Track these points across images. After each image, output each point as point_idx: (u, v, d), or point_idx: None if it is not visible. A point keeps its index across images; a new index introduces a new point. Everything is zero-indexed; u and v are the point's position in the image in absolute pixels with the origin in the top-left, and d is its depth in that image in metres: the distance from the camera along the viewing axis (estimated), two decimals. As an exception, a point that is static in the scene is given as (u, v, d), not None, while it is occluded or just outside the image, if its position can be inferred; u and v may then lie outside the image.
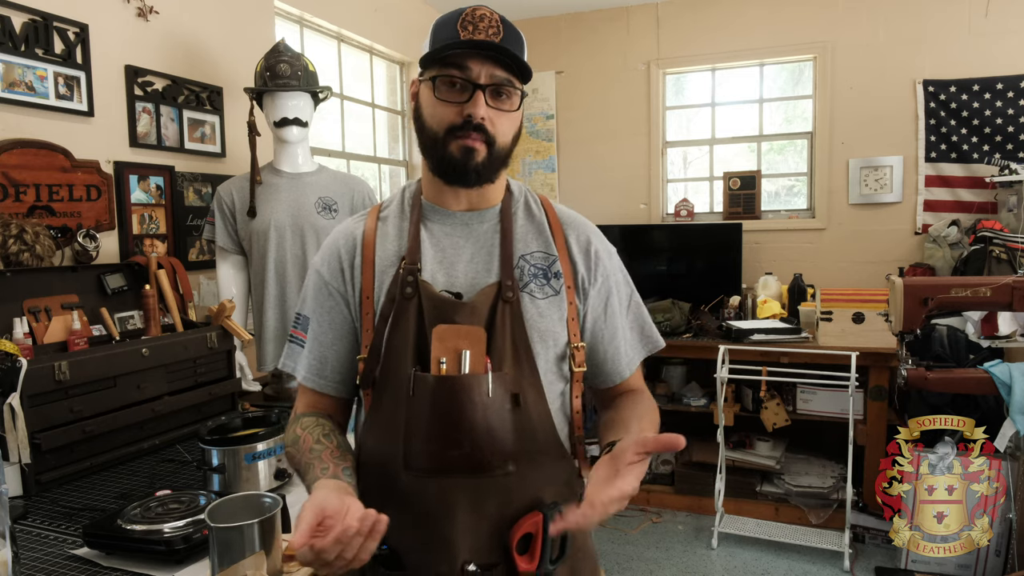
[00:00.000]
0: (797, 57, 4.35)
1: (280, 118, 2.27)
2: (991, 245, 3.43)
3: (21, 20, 2.00)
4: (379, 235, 1.07)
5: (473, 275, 1.02)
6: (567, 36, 4.69)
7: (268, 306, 2.30)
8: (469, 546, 0.95)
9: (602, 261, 1.09)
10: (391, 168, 4.37)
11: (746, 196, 4.43)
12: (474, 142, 0.97)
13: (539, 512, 0.94)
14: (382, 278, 1.03)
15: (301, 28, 3.42)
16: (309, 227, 2.29)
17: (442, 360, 0.95)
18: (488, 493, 0.95)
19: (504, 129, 1.00)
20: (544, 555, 0.92)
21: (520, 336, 0.99)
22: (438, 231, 1.05)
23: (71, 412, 1.60)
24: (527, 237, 1.07)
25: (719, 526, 3.23)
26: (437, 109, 0.98)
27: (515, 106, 1.00)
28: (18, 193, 1.98)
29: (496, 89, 0.97)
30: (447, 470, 0.94)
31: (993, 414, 2.58)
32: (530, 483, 0.98)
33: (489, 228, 1.06)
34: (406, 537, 0.96)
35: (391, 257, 1.04)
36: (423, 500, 0.96)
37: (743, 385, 3.51)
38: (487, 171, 1.00)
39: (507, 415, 0.96)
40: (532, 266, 1.04)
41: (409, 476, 0.96)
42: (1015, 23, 3.83)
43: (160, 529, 1.21)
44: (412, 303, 0.99)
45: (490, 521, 0.96)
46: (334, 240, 1.10)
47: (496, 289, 1.00)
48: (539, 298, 1.02)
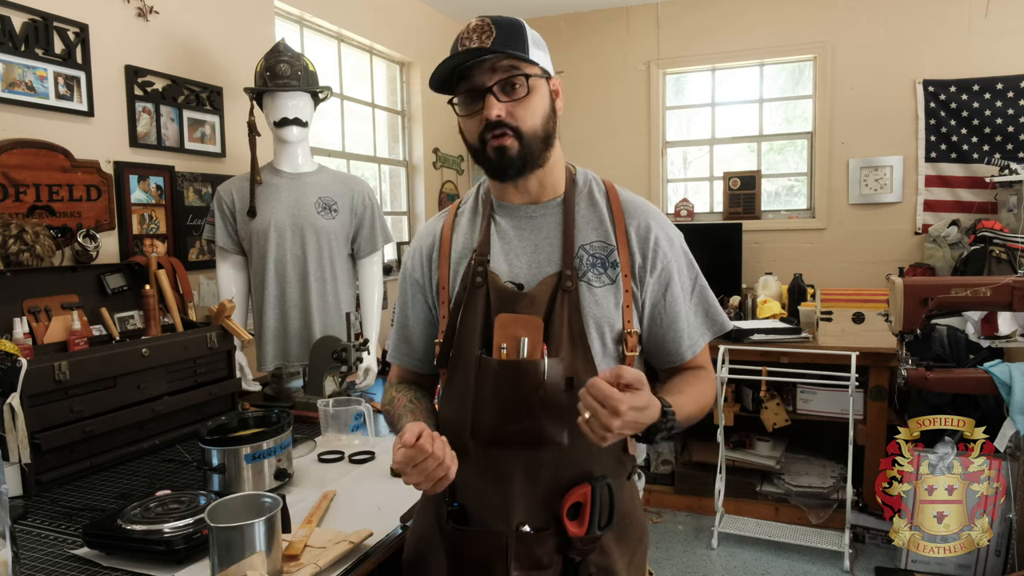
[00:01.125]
0: (797, 57, 4.35)
1: (280, 118, 2.26)
2: (991, 245, 3.43)
3: (21, 20, 2.00)
4: (455, 231, 1.18)
5: (536, 266, 1.10)
6: (567, 36, 4.69)
7: (268, 306, 2.30)
8: (524, 510, 1.06)
9: (661, 248, 1.12)
10: (391, 168, 4.37)
11: (746, 196, 4.43)
12: (501, 140, 1.04)
13: (588, 484, 1.05)
14: (456, 269, 1.14)
15: (301, 28, 3.42)
16: (309, 227, 2.29)
17: (503, 346, 1.04)
18: (542, 464, 1.06)
19: (525, 115, 1.04)
20: (592, 522, 1.04)
21: (576, 324, 1.07)
22: (505, 225, 1.14)
23: (71, 412, 1.59)
24: (587, 227, 1.12)
25: (719, 526, 3.23)
26: (466, 124, 1.08)
27: (527, 91, 1.04)
28: (18, 193, 1.98)
29: (505, 83, 1.03)
30: (506, 442, 1.04)
31: (993, 414, 2.58)
32: (581, 457, 1.06)
33: (552, 219, 1.13)
34: (472, 497, 1.09)
35: (465, 250, 1.15)
36: (486, 466, 1.07)
37: (743, 385, 3.51)
38: (527, 160, 1.06)
39: (561, 396, 1.03)
40: (591, 256, 1.10)
41: (475, 444, 1.07)
42: (1015, 23, 3.83)
43: (160, 529, 1.21)
44: (481, 292, 1.09)
45: (543, 489, 1.06)
46: (419, 236, 1.24)
47: (556, 279, 1.07)
48: (596, 287, 1.09)
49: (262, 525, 1.05)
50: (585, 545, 1.06)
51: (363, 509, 1.41)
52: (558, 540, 1.06)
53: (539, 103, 1.06)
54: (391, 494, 1.47)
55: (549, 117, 1.08)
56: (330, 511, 1.41)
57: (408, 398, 1.18)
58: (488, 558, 1.06)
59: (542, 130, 1.07)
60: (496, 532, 1.06)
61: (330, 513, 1.40)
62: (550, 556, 1.06)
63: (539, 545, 1.05)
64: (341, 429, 1.86)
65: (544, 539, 1.05)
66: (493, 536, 1.06)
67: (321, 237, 2.30)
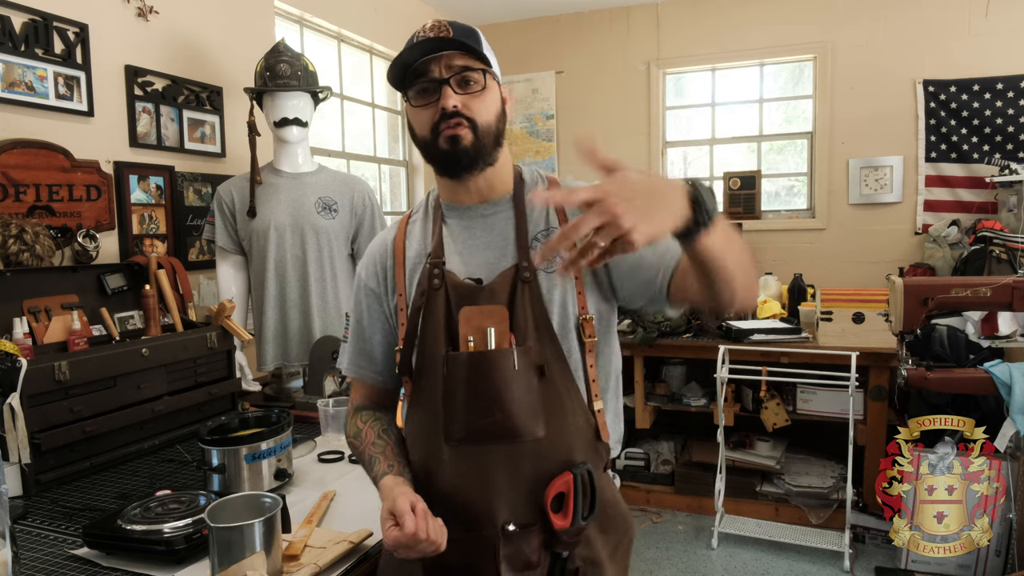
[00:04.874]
0: (797, 57, 4.35)
1: (280, 118, 2.26)
2: (991, 245, 3.44)
3: (21, 20, 2.00)
4: (407, 238, 1.18)
5: (493, 262, 1.09)
6: (567, 36, 4.69)
7: (268, 306, 2.30)
8: (508, 508, 1.03)
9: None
10: (391, 168, 4.37)
11: (746, 196, 4.43)
12: (456, 129, 1.03)
13: (569, 472, 1.02)
14: (412, 275, 1.14)
15: (301, 28, 3.42)
16: (309, 227, 2.29)
17: (470, 338, 1.03)
18: (522, 458, 1.03)
19: (481, 108, 1.05)
20: (576, 512, 1.01)
21: (539, 312, 1.06)
22: (457, 226, 1.13)
23: (71, 412, 1.59)
24: (539, 218, 1.12)
25: (719, 526, 3.23)
26: (418, 116, 1.07)
27: (483, 86, 1.05)
28: (18, 193, 1.98)
29: (460, 78, 1.04)
30: (482, 438, 1.02)
31: (993, 414, 2.58)
32: (560, 446, 1.05)
33: (503, 216, 1.12)
34: (451, 504, 1.05)
35: (419, 255, 1.14)
36: (464, 468, 1.04)
37: (743, 385, 3.51)
38: (480, 152, 1.06)
39: (534, 385, 1.03)
40: (542, 244, 1.09)
41: (450, 447, 1.05)
42: (1015, 23, 3.83)
43: (160, 529, 1.21)
44: (440, 293, 1.08)
45: (526, 484, 1.04)
46: (372, 247, 1.23)
47: (514, 271, 1.07)
48: (550, 272, 1.08)
49: (262, 525, 1.05)
50: (571, 538, 1.04)
51: (363, 509, 1.41)
52: (544, 535, 1.04)
53: (492, 100, 1.07)
54: (391, 494, 1.47)
55: (500, 116, 1.09)
56: (330, 511, 1.41)
57: (376, 432, 1.14)
58: (476, 563, 1.03)
59: (495, 126, 1.07)
60: (482, 536, 1.03)
61: (330, 513, 1.40)
62: (538, 553, 1.04)
63: (526, 543, 1.03)
64: (341, 429, 1.86)
65: (531, 536, 1.03)
66: (479, 540, 1.03)
67: (321, 237, 2.30)
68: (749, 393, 3.49)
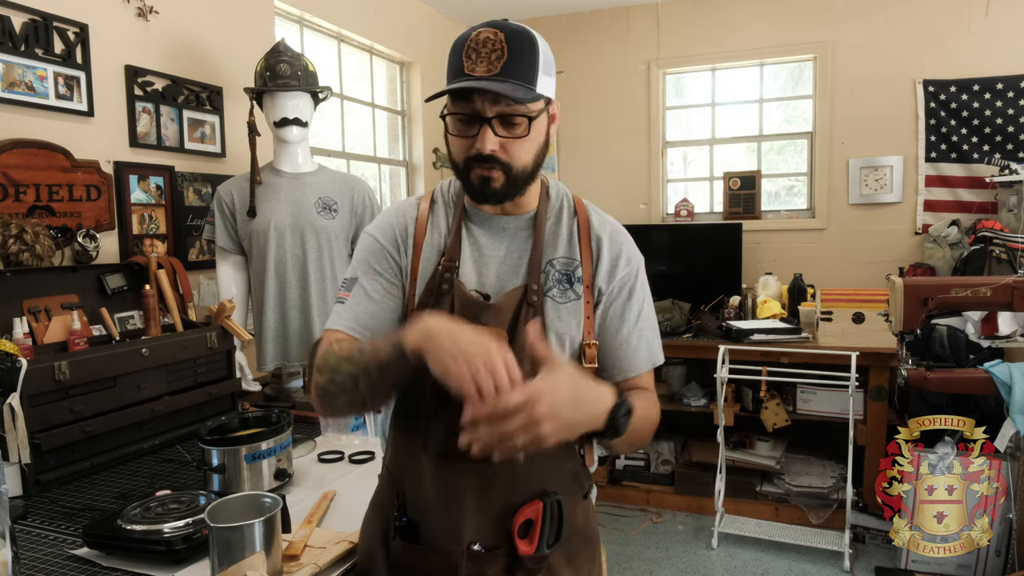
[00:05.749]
0: (797, 57, 4.35)
1: (280, 118, 2.27)
2: (991, 245, 3.43)
3: (21, 20, 2.00)
4: (430, 222, 1.13)
5: (503, 276, 1.08)
6: (567, 36, 4.69)
7: (268, 306, 2.30)
8: (475, 528, 1.03)
9: (621, 267, 1.11)
10: (391, 168, 4.36)
11: (746, 196, 4.43)
12: (489, 172, 1.00)
13: (540, 500, 1.02)
14: (426, 265, 1.10)
15: (301, 28, 3.42)
16: (309, 227, 2.29)
17: None
18: (495, 482, 1.02)
19: (519, 153, 1.01)
20: (542, 539, 1.02)
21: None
22: (477, 232, 1.11)
23: (71, 412, 1.59)
24: (556, 242, 1.11)
25: (719, 526, 3.23)
26: (455, 143, 1.03)
27: (527, 131, 1.00)
28: (18, 193, 1.98)
29: (504, 119, 0.99)
30: (459, 456, 0.96)
31: (993, 414, 2.58)
32: (536, 474, 1.04)
33: (523, 233, 1.11)
34: (423, 513, 1.05)
35: (436, 247, 1.11)
36: (437, 482, 1.04)
37: (743, 385, 3.51)
38: (508, 194, 1.04)
39: None
40: (557, 271, 1.09)
41: (427, 459, 1.04)
42: (1015, 23, 3.83)
43: (160, 529, 1.21)
44: (446, 299, 1.06)
45: (496, 507, 1.03)
46: (388, 215, 1.15)
47: (522, 292, 1.06)
48: (560, 302, 1.08)
49: (262, 525, 1.05)
50: (533, 564, 1.03)
51: (363, 509, 1.40)
52: (508, 560, 1.03)
53: (535, 139, 1.03)
54: (391, 494, 1.47)
55: (541, 152, 1.05)
56: (330, 511, 1.41)
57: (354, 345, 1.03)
58: None
59: (532, 166, 1.04)
60: (446, 551, 1.02)
61: (330, 513, 1.40)
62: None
63: (489, 565, 1.02)
64: (341, 429, 1.86)
65: (495, 558, 1.02)
66: (442, 555, 1.02)
67: (321, 237, 2.30)
68: (749, 393, 3.49)
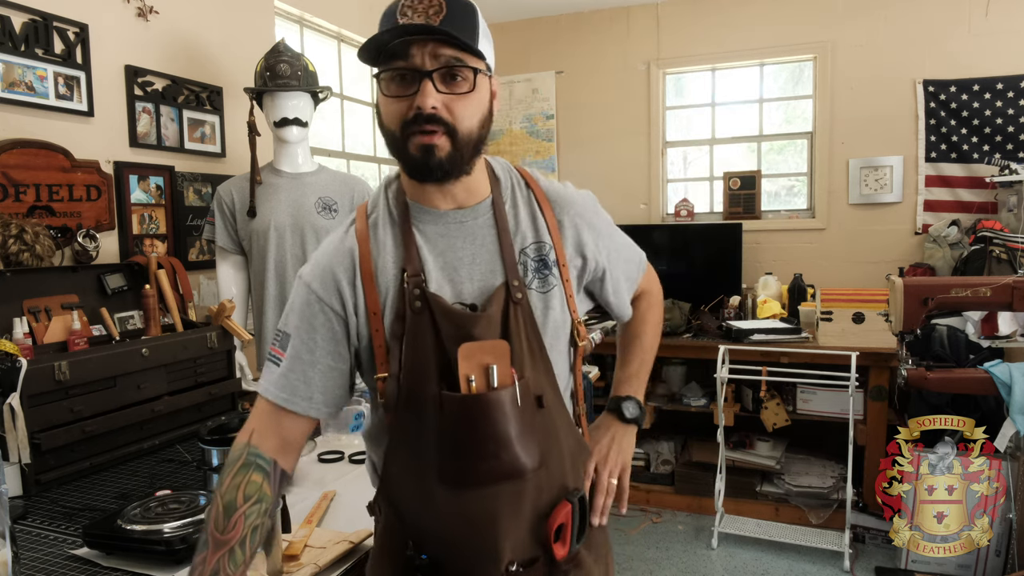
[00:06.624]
0: (797, 57, 4.35)
1: (280, 118, 2.27)
2: (991, 245, 3.43)
3: (21, 20, 2.00)
4: (373, 244, 1.00)
5: (479, 278, 0.98)
6: (567, 36, 4.69)
7: (268, 306, 2.30)
8: (512, 547, 0.96)
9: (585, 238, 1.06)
10: (391, 168, 4.37)
11: (746, 196, 4.43)
12: (431, 137, 0.89)
13: (567, 502, 1.00)
14: (386, 292, 0.98)
15: (301, 28, 3.42)
16: (309, 227, 2.29)
17: (471, 378, 0.92)
18: (524, 494, 0.96)
19: (464, 114, 0.90)
20: (573, 538, 1.01)
21: (534, 336, 0.98)
22: (432, 233, 0.99)
23: (71, 412, 1.59)
24: (520, 227, 1.02)
25: (719, 526, 3.23)
26: (389, 106, 0.91)
27: (472, 86, 0.90)
28: (18, 193, 1.98)
29: (447, 73, 0.88)
30: (485, 481, 0.93)
31: (993, 414, 2.58)
32: (556, 474, 1.00)
33: (484, 223, 1.00)
34: (447, 546, 0.97)
35: (391, 267, 0.98)
36: (463, 510, 0.95)
37: (743, 385, 3.51)
38: (455, 165, 0.93)
39: (534, 417, 0.96)
40: (531, 259, 1.01)
41: (445, 490, 0.95)
42: (1015, 23, 3.83)
43: (160, 529, 1.21)
44: (424, 318, 0.94)
45: (528, 519, 0.97)
46: (326, 255, 1.01)
47: (504, 291, 0.97)
48: (543, 292, 1.00)
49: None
50: (568, 564, 1.01)
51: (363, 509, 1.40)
52: (545, 568, 1.00)
53: (479, 102, 0.93)
54: (391, 494, 1.47)
55: (486, 120, 0.95)
56: (330, 511, 1.41)
57: (251, 524, 0.91)
58: None
59: (477, 134, 0.93)
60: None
61: (330, 513, 1.40)
62: None
63: None
64: (341, 429, 1.86)
65: (534, 571, 0.98)
66: None
67: (321, 237, 2.30)
68: (749, 393, 3.49)
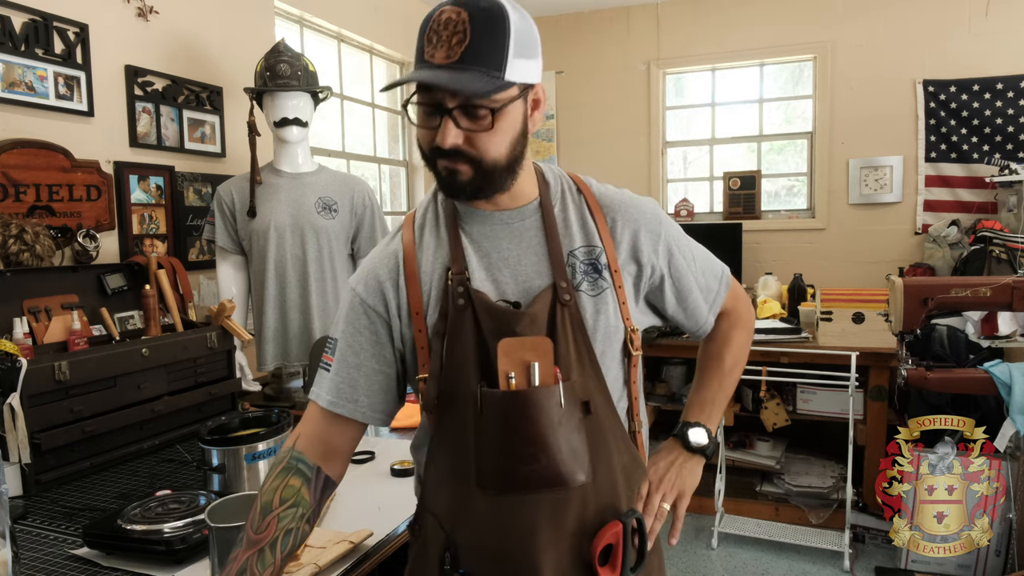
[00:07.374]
0: (797, 57, 4.35)
1: (280, 118, 2.27)
2: (991, 245, 3.44)
3: (21, 20, 2.00)
4: (419, 246, 1.00)
5: (524, 279, 0.96)
6: (567, 36, 4.69)
7: (268, 306, 2.30)
8: (552, 563, 0.91)
9: (643, 245, 1.02)
10: (391, 168, 4.37)
11: (746, 196, 4.43)
12: (455, 164, 0.89)
13: (618, 522, 0.93)
14: (429, 291, 0.97)
15: (301, 28, 3.42)
16: (309, 227, 2.29)
17: (510, 375, 0.90)
18: (567, 506, 0.92)
19: (488, 145, 0.89)
20: (625, 564, 0.92)
21: (583, 339, 0.95)
22: (478, 234, 0.98)
23: (71, 412, 1.59)
24: (570, 230, 1.00)
25: (719, 526, 3.23)
26: (420, 133, 0.92)
27: (491, 125, 0.88)
28: (18, 193, 1.98)
29: (466, 109, 0.87)
30: (523, 487, 0.90)
31: (993, 414, 2.58)
32: (605, 490, 0.95)
33: (531, 225, 0.99)
34: (484, 559, 0.93)
35: (435, 267, 0.98)
36: (501, 519, 0.92)
37: (743, 385, 3.51)
38: (480, 188, 0.92)
39: (580, 423, 0.92)
40: (581, 262, 0.98)
41: (484, 495, 0.92)
42: (1015, 23, 3.83)
43: (160, 529, 1.21)
44: (466, 315, 0.93)
45: (570, 535, 0.92)
46: (372, 260, 1.03)
47: (552, 292, 0.94)
48: (593, 295, 0.97)
49: (262, 525, 1.04)
50: None
51: (363, 509, 1.41)
52: None
53: (506, 131, 0.89)
54: (391, 494, 1.47)
55: (517, 142, 0.92)
56: (330, 511, 1.41)
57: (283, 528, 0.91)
58: None
59: (506, 159, 0.91)
60: None
61: (330, 513, 1.40)
62: None
63: None
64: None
65: None
66: None
67: (321, 237, 2.30)
68: (749, 393, 3.49)
